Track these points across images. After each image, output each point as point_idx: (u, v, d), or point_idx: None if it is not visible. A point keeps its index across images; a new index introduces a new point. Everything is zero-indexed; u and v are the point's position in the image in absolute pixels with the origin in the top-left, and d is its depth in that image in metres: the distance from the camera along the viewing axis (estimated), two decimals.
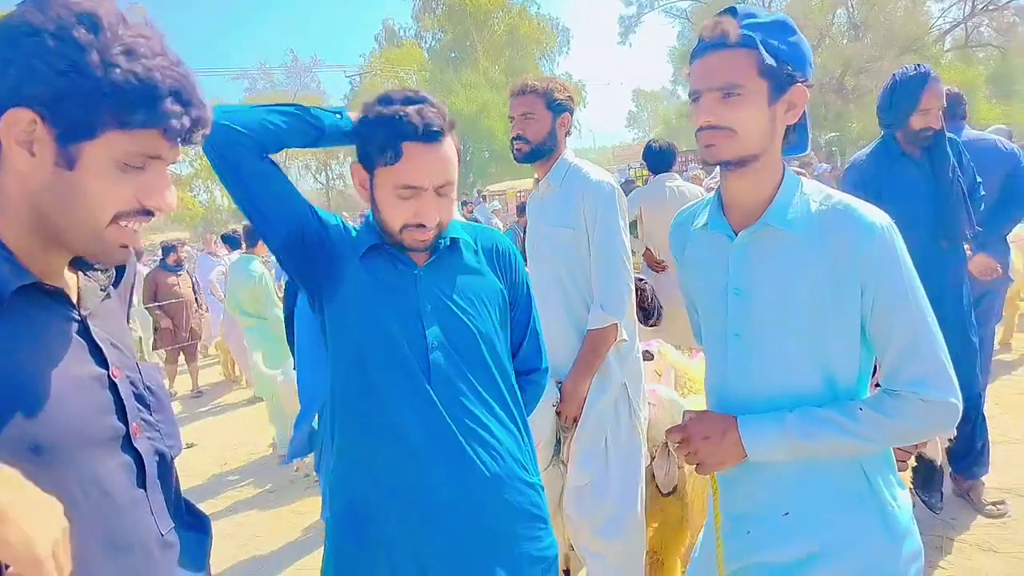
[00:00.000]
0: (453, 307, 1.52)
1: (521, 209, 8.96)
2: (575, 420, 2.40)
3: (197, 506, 1.20)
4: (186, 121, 0.94)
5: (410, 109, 1.39)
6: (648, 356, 2.95)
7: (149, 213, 0.97)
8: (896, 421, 1.26)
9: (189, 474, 5.26)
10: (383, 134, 1.40)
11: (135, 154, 0.92)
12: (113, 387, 0.99)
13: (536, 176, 2.54)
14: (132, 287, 1.22)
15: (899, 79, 3.04)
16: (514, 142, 2.42)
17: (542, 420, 2.35)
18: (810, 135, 1.39)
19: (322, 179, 42.18)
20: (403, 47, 40.04)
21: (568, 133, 2.50)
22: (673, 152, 4.69)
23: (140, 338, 7.90)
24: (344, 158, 41.35)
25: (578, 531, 2.50)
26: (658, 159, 4.66)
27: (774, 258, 1.33)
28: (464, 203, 17.14)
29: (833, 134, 27.18)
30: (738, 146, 1.28)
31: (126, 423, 0.99)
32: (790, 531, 1.36)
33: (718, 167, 1.36)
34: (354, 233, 1.58)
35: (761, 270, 1.34)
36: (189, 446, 5.97)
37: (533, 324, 1.74)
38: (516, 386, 1.64)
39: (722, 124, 1.27)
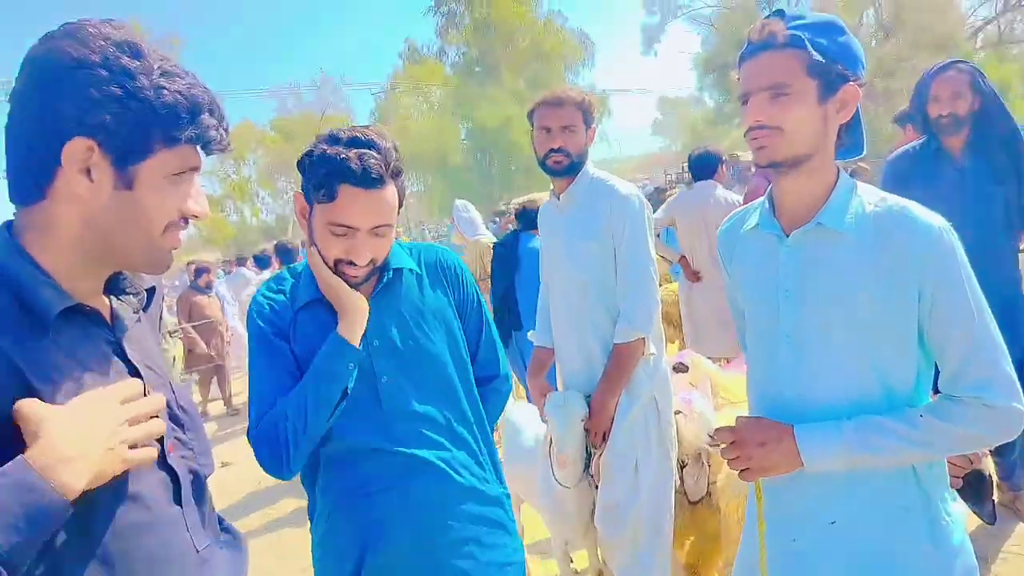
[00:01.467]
0: (400, 336, 1.58)
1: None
2: (604, 436, 2.39)
3: (232, 524, 1.22)
4: (222, 132, 1.02)
5: (351, 153, 1.42)
6: (682, 368, 2.92)
7: (187, 220, 1.03)
8: (958, 427, 1.24)
9: (225, 493, 5.32)
10: (321, 173, 1.44)
11: (180, 167, 0.99)
12: None
13: (554, 189, 2.52)
14: (161, 311, 1.26)
15: (924, 73, 3.02)
16: (552, 154, 2.37)
17: (571, 436, 2.35)
18: (864, 137, 1.38)
19: None
20: (424, 64, 40.40)
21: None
22: (715, 159, 4.57)
23: (175, 357, 8.03)
24: None
25: (609, 548, 2.48)
26: (698, 166, 4.57)
27: (827, 259, 1.31)
28: (502, 214, 17.20)
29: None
30: (788, 146, 1.28)
31: (161, 441, 1.02)
32: (836, 540, 1.33)
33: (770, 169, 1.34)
34: (284, 298, 1.60)
35: (813, 271, 1.32)
36: (224, 465, 6.03)
37: (487, 332, 1.77)
38: (477, 398, 1.69)
39: (771, 124, 1.27)
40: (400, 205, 1.53)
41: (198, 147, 1.00)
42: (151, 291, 1.16)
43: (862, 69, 1.31)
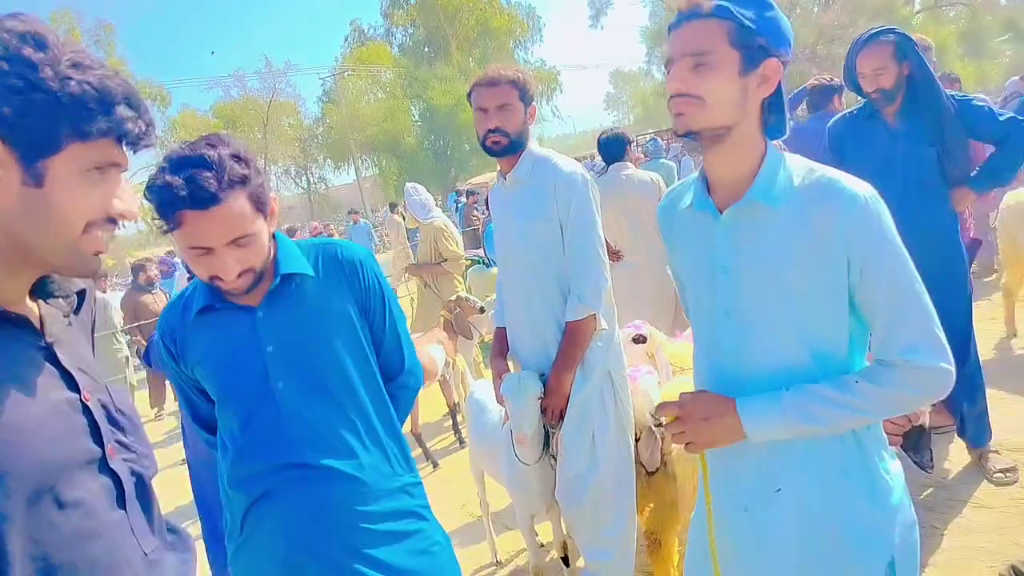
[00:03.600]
0: (294, 340, 1.58)
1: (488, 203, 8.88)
2: (561, 415, 2.42)
3: (180, 525, 1.21)
4: (141, 125, 0.96)
5: (179, 178, 1.36)
6: (641, 339, 2.96)
7: (114, 221, 0.99)
8: (891, 390, 1.27)
9: (183, 491, 5.23)
10: (156, 204, 1.40)
11: (97, 163, 0.94)
12: (86, 411, 1.00)
13: (500, 169, 2.51)
14: (93, 312, 1.23)
15: (851, 45, 3.08)
16: (490, 134, 2.35)
17: (528, 415, 2.37)
18: (788, 117, 1.38)
19: (303, 183, 41.94)
20: (370, 46, 39.76)
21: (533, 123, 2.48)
22: (623, 140, 4.63)
23: (127, 357, 7.85)
24: (324, 161, 41.15)
25: (573, 521, 2.52)
26: (608, 149, 4.62)
27: (760, 235, 1.33)
28: (459, 193, 17.16)
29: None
30: (707, 116, 1.28)
31: (102, 445, 1.00)
32: (783, 507, 1.37)
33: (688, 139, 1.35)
34: (178, 314, 1.64)
35: (748, 247, 1.34)
36: (182, 462, 5.93)
37: (391, 326, 1.74)
38: (383, 395, 1.70)
39: (691, 92, 1.28)
40: (261, 208, 1.48)
41: (120, 142, 0.96)
42: (81, 294, 1.12)
43: (787, 47, 1.31)
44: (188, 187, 1.36)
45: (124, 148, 0.97)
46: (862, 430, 1.36)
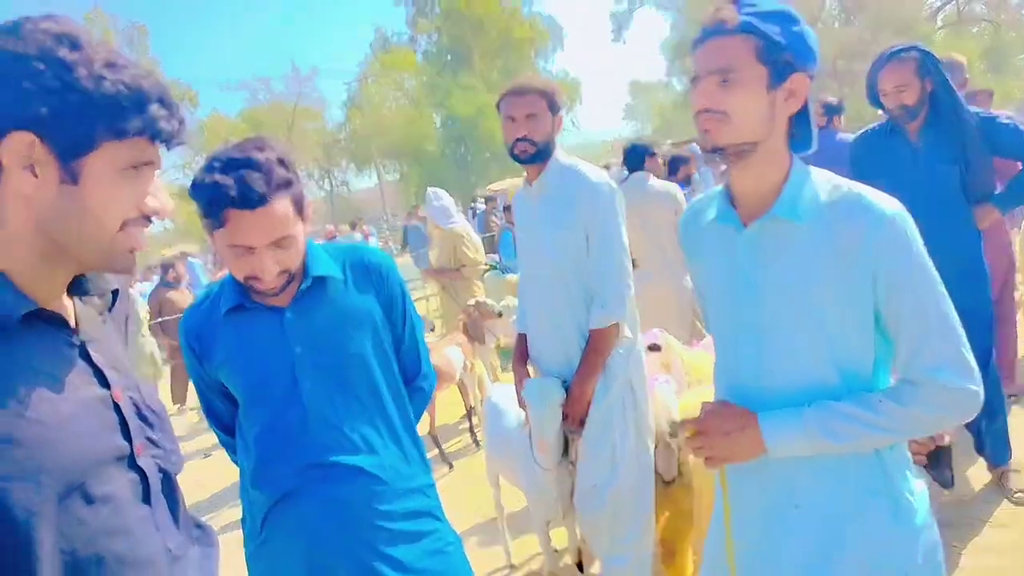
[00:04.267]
0: (322, 342, 1.61)
1: (507, 210, 8.92)
2: (581, 422, 2.43)
3: (204, 519, 1.24)
4: (175, 124, 0.98)
5: (229, 178, 1.41)
6: (656, 348, 2.98)
7: (148, 219, 1.01)
8: (915, 410, 1.25)
9: (204, 484, 5.31)
10: (204, 202, 1.45)
11: (131, 161, 0.96)
12: (117, 408, 1.02)
13: (527, 177, 2.55)
14: (127, 312, 1.25)
15: (873, 62, 3.08)
16: (518, 143, 2.38)
17: (549, 420, 2.39)
18: (815, 131, 1.37)
19: (325, 186, 42.27)
20: (395, 52, 40.09)
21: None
22: (643, 151, 4.65)
23: (152, 353, 7.97)
24: (347, 165, 41.44)
25: (590, 528, 2.54)
26: (631, 158, 4.65)
27: (785, 250, 1.32)
28: (489, 199, 17.25)
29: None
30: (733, 132, 1.27)
31: (130, 442, 1.02)
32: (802, 524, 1.35)
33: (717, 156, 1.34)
34: (205, 313, 1.68)
35: (772, 262, 1.33)
36: (206, 456, 6.02)
37: (410, 330, 1.80)
38: (404, 397, 1.74)
39: (717, 108, 1.27)
40: (301, 212, 1.53)
41: (153, 141, 0.97)
42: (115, 292, 1.14)
43: (814, 61, 1.30)
44: (238, 187, 1.40)
45: (157, 146, 0.99)
46: (886, 448, 1.34)
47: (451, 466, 4.86)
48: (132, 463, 1.02)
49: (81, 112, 0.90)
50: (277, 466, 1.60)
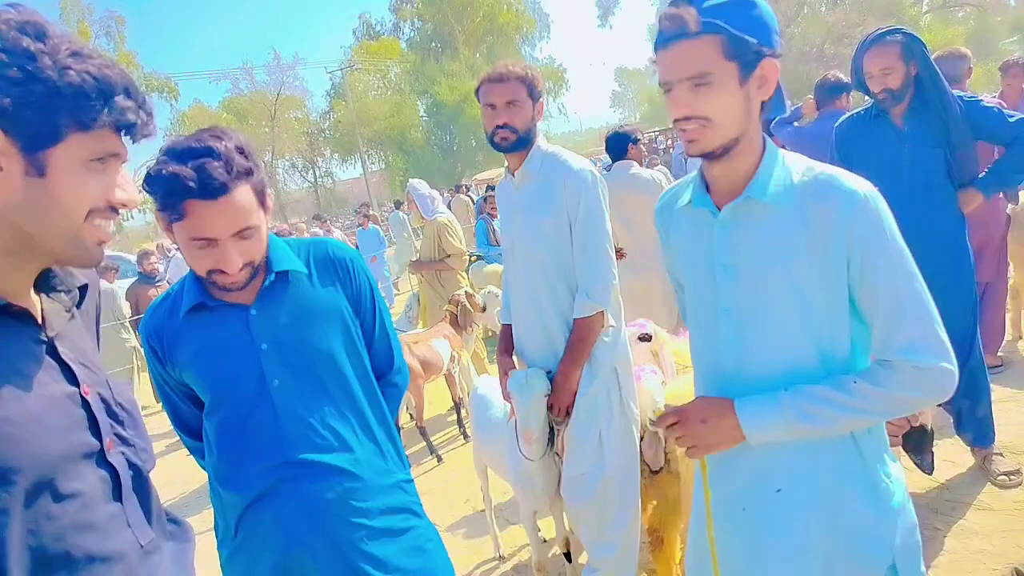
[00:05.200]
0: (289, 338, 1.57)
1: (485, 201, 8.90)
2: (567, 411, 2.42)
3: (178, 515, 1.23)
4: (142, 115, 0.97)
5: (188, 168, 1.35)
6: (647, 338, 2.96)
7: (115, 211, 0.99)
8: (891, 391, 1.25)
9: (187, 480, 5.27)
10: (162, 194, 1.38)
11: (98, 153, 0.94)
12: (85, 404, 1.01)
13: (508, 166, 2.51)
14: (98, 305, 1.23)
15: (858, 45, 3.07)
16: (499, 130, 2.35)
17: (534, 411, 2.38)
18: (786, 99, 1.38)
19: (309, 177, 41.99)
20: (380, 40, 39.82)
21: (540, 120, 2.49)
22: (625, 139, 4.64)
23: (135, 348, 7.89)
24: (331, 155, 41.18)
25: (577, 517, 2.54)
26: (613, 146, 4.65)
27: (759, 232, 1.32)
28: (457, 187, 17.31)
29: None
30: (717, 134, 1.28)
31: (100, 438, 1.01)
32: (782, 508, 1.36)
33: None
34: (165, 315, 1.62)
35: (747, 244, 1.34)
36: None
37: (380, 324, 1.76)
38: (376, 391, 1.71)
39: (697, 115, 1.26)
40: (263, 202, 1.48)
41: (119, 132, 0.96)
42: (84, 288, 1.13)
43: (777, 39, 1.29)
44: (197, 177, 1.35)
45: (124, 138, 0.97)
46: (861, 432, 1.35)
47: (439, 459, 4.85)
48: (102, 460, 1.02)
49: (46, 104, 0.88)
50: (248, 466, 1.56)
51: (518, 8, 40.17)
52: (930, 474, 3.09)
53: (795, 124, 5.03)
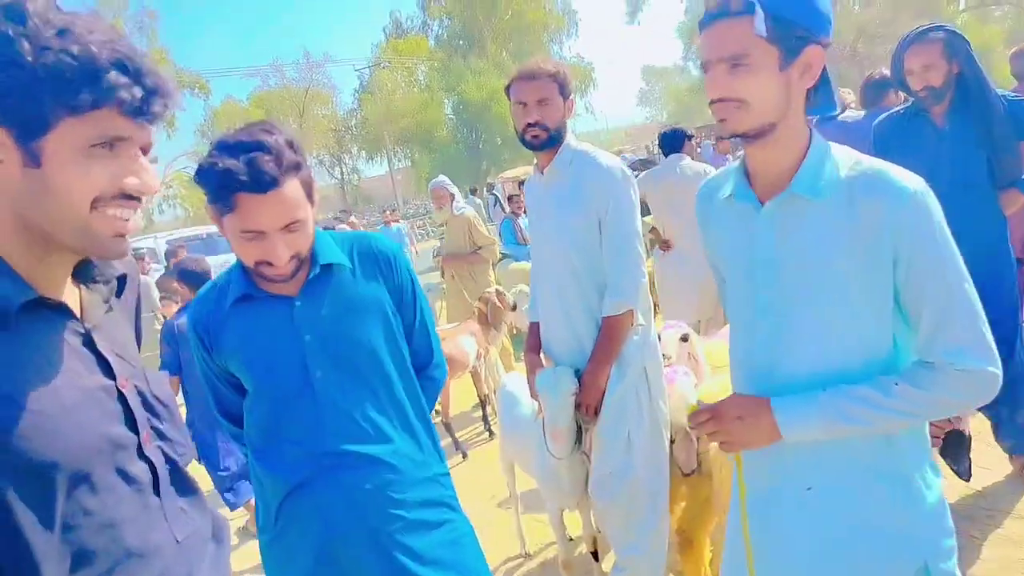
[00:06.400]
0: (332, 330, 1.59)
1: (510, 199, 8.90)
2: (596, 410, 2.41)
3: (217, 510, 1.22)
4: (137, 92, 0.89)
5: (239, 161, 1.37)
6: (686, 338, 2.93)
7: (132, 198, 0.94)
8: (934, 394, 1.23)
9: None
10: (212, 187, 1.42)
11: (98, 138, 0.89)
12: (121, 398, 1.00)
13: (538, 163, 2.50)
14: (138, 296, 1.22)
15: (898, 42, 3.01)
16: (529, 128, 2.34)
17: (562, 410, 2.37)
18: (837, 94, 1.34)
19: (336, 174, 42.34)
20: (408, 38, 40.01)
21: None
22: (681, 134, 4.76)
23: None
24: (358, 152, 41.47)
25: (605, 517, 2.52)
26: (667, 141, 4.74)
27: (803, 228, 1.29)
28: (472, 190, 17.34)
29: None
30: (751, 117, 1.24)
31: (136, 432, 1.01)
32: (813, 506, 1.34)
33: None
34: (212, 304, 1.65)
35: (790, 240, 1.30)
36: None
37: (421, 319, 1.78)
38: (415, 384, 1.72)
39: (731, 96, 1.23)
40: (310, 195, 1.51)
41: (124, 114, 0.90)
42: (122, 278, 1.11)
43: (828, 27, 1.25)
44: (248, 170, 1.37)
45: (131, 119, 0.91)
46: (901, 433, 1.32)
47: (465, 455, 4.86)
48: (139, 453, 1.01)
49: (26, 90, 0.84)
50: (289, 455, 1.60)
51: (547, 6, 40.09)
52: (967, 480, 3.05)
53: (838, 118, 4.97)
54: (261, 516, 1.68)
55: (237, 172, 1.37)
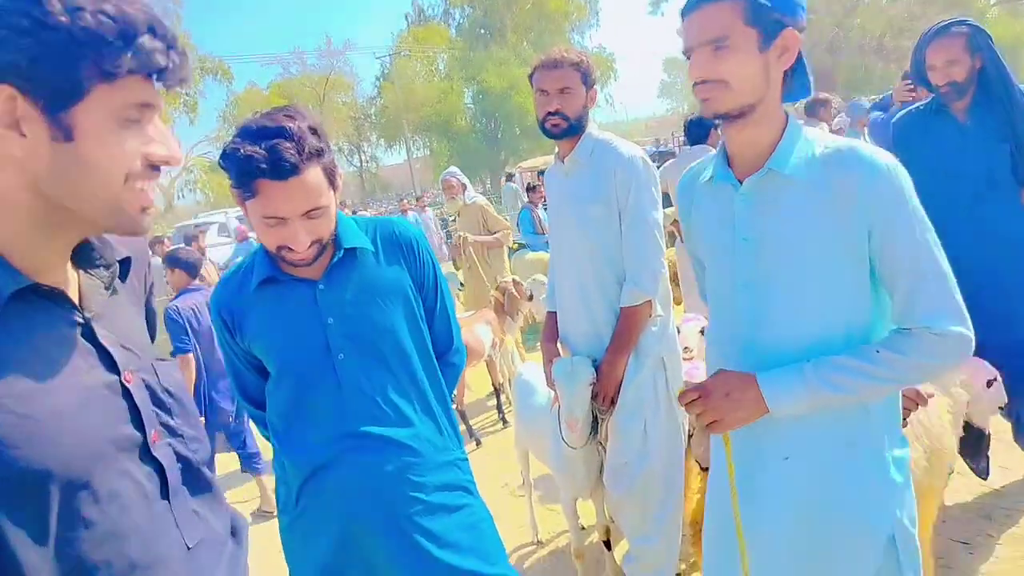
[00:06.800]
0: (355, 313, 1.61)
1: (529, 189, 8.86)
2: (612, 401, 2.41)
3: (235, 508, 1.16)
4: (174, 57, 0.85)
5: (260, 148, 1.38)
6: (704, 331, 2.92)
7: (156, 169, 0.89)
8: (913, 358, 1.28)
9: (234, 462, 5.38)
10: (235, 172, 1.43)
11: (129, 106, 0.83)
12: (126, 393, 0.92)
13: (559, 152, 2.50)
14: (148, 279, 1.14)
15: (921, 36, 2.96)
16: (550, 117, 2.34)
17: (579, 400, 2.37)
18: (812, 79, 1.40)
19: (355, 162, 42.44)
20: (429, 26, 39.92)
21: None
22: (709, 124, 4.69)
23: None
24: (377, 140, 41.53)
25: (619, 506, 2.53)
26: (693, 131, 4.70)
27: (781, 204, 1.34)
28: (509, 176, 17.19)
29: (875, 97, 26.48)
30: (733, 97, 1.31)
31: (143, 431, 0.93)
32: (790, 475, 1.40)
33: (722, 120, 1.37)
34: (235, 286, 1.67)
35: (769, 217, 1.36)
36: None
37: (442, 305, 1.79)
38: (436, 369, 1.74)
39: (714, 77, 1.30)
40: (332, 182, 1.52)
41: (150, 79, 0.84)
42: (126, 261, 1.02)
43: (802, 12, 1.32)
44: (270, 157, 1.39)
45: (155, 85, 0.85)
46: (874, 404, 1.37)
47: (479, 443, 4.89)
48: (146, 454, 0.93)
49: (61, 54, 0.77)
50: (311, 437, 1.62)
51: None
52: (985, 479, 3.03)
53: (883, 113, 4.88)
54: (282, 498, 1.70)
55: (258, 159, 1.38)
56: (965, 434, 2.50)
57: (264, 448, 4.43)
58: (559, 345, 2.63)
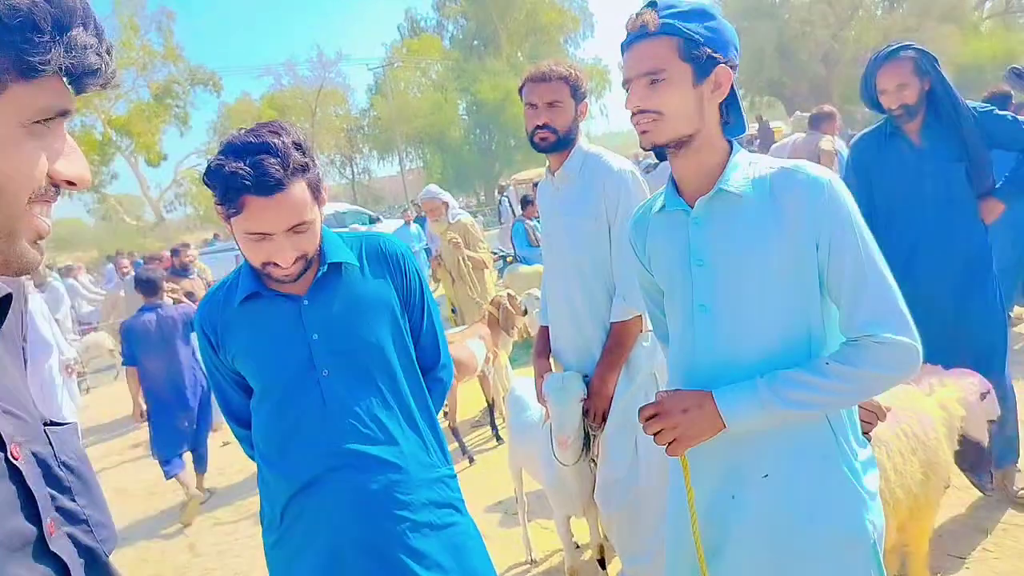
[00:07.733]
0: (340, 329, 1.59)
1: (524, 203, 8.86)
2: (603, 417, 2.38)
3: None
4: (106, 58, 0.72)
5: (245, 164, 1.38)
6: None
7: (58, 191, 0.73)
8: (861, 368, 1.29)
9: (224, 473, 5.35)
10: (220, 188, 1.42)
11: (44, 111, 0.68)
12: (15, 474, 0.74)
13: (549, 166, 2.48)
14: (24, 323, 0.91)
15: (869, 62, 3.03)
16: (538, 131, 2.32)
17: (570, 416, 2.34)
18: (745, 116, 1.47)
19: (347, 174, 42.46)
20: (422, 38, 40.06)
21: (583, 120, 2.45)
22: None
23: (111, 349, 7.89)
24: (369, 151, 41.57)
25: (612, 524, 2.49)
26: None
27: (732, 226, 1.37)
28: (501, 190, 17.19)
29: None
30: (668, 128, 1.36)
31: (39, 521, 0.75)
32: (770, 492, 1.40)
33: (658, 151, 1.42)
34: (219, 303, 1.65)
35: (720, 238, 1.39)
36: (224, 444, 5.98)
37: (428, 320, 1.78)
38: (422, 385, 1.72)
39: (649, 108, 1.36)
40: (317, 196, 1.51)
41: (72, 81, 0.70)
42: (5, 300, 0.78)
43: (734, 51, 1.39)
44: (254, 173, 1.38)
45: (92, 86, 0.72)
46: (835, 417, 1.39)
47: (472, 460, 4.83)
48: (42, 550, 0.75)
49: None
50: (295, 454, 1.60)
51: (562, 6, 40.04)
52: (989, 493, 3.01)
53: None
54: (266, 516, 1.68)
55: (243, 175, 1.38)
56: (964, 448, 2.48)
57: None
58: (551, 360, 2.60)
